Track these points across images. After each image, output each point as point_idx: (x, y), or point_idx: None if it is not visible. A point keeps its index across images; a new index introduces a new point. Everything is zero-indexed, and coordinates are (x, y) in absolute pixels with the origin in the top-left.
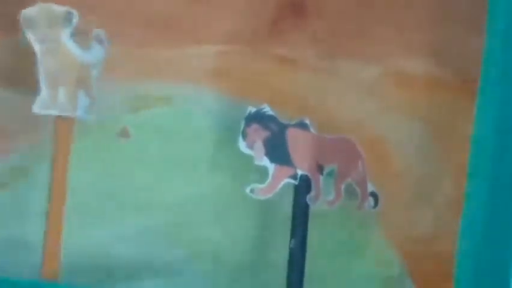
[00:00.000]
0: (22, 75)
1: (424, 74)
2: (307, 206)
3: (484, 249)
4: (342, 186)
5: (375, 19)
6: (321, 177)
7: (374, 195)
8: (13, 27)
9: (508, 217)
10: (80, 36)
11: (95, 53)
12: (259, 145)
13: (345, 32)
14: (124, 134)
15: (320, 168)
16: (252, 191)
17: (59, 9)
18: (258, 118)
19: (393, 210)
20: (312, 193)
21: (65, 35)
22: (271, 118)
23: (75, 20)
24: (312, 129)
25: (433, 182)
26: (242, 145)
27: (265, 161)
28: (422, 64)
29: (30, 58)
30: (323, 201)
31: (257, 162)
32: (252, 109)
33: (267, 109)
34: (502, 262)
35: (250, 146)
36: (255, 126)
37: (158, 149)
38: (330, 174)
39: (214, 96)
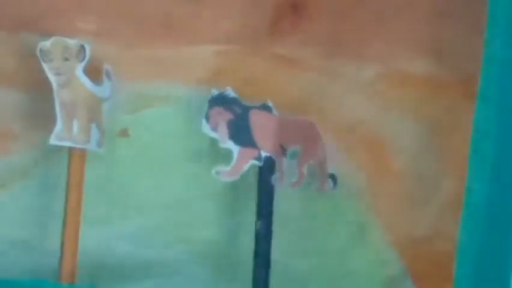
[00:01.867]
0: (22, 74)
1: (424, 74)
2: (272, 187)
3: (484, 249)
4: (305, 168)
5: (375, 19)
6: (285, 159)
7: (332, 177)
8: (13, 27)
9: (508, 217)
10: (91, 70)
11: (106, 88)
12: (222, 127)
13: (345, 32)
14: (123, 134)
15: (283, 150)
16: (217, 173)
17: (73, 42)
18: (221, 101)
19: (393, 210)
20: (276, 174)
21: (79, 69)
22: (234, 100)
23: (88, 54)
24: (274, 111)
25: (433, 182)
26: (205, 127)
27: (229, 144)
28: (422, 64)
29: (30, 58)
30: (287, 182)
31: (221, 144)
32: (214, 92)
33: (230, 92)
34: (502, 262)
35: (214, 129)
36: (218, 108)
37: (158, 149)
38: (292, 156)
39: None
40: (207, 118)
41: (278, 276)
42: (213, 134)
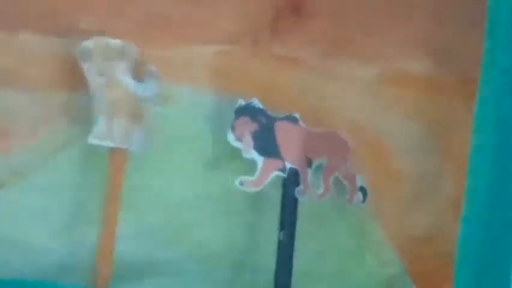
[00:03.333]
0: (22, 74)
1: (424, 74)
2: (296, 199)
3: (484, 249)
4: (331, 180)
5: (375, 19)
6: (310, 171)
7: (363, 190)
8: (13, 26)
9: (508, 217)
10: (134, 70)
11: (149, 88)
12: (247, 138)
13: (345, 32)
14: None
15: (309, 162)
16: (241, 183)
17: (115, 42)
18: (247, 111)
19: (393, 210)
20: (301, 186)
21: (120, 69)
22: (261, 111)
23: (131, 54)
24: (301, 123)
25: (433, 182)
26: (231, 138)
27: (253, 154)
28: (422, 64)
29: (30, 58)
30: (312, 194)
31: (245, 155)
32: (241, 102)
33: (256, 102)
34: (502, 262)
35: (239, 139)
36: (244, 119)
37: (158, 148)
38: (318, 168)
39: (214, 96)
40: (233, 128)
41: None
42: (237, 144)
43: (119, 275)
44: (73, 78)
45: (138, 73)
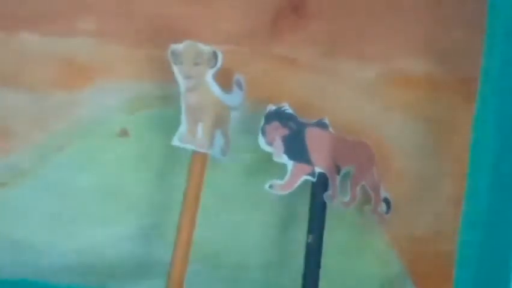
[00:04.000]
0: (22, 74)
1: (424, 74)
2: (324, 204)
3: (484, 249)
4: (358, 188)
5: (375, 19)
6: (338, 177)
7: (386, 201)
8: (13, 26)
9: (508, 217)
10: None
11: (235, 97)
12: (278, 142)
13: (345, 32)
14: (123, 134)
15: (337, 168)
16: (271, 186)
17: (206, 48)
18: (277, 116)
19: (393, 210)
20: (330, 191)
21: (209, 74)
22: (291, 116)
23: (220, 61)
24: (331, 129)
25: (433, 181)
26: (262, 142)
27: (284, 158)
28: (422, 64)
29: (30, 59)
30: (339, 201)
31: (276, 159)
32: (271, 107)
33: (287, 107)
34: (503, 262)
35: (270, 143)
36: (274, 123)
37: (158, 149)
38: (345, 176)
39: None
40: (263, 133)
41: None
42: (268, 149)
43: (119, 275)
44: (73, 78)
45: (223, 81)
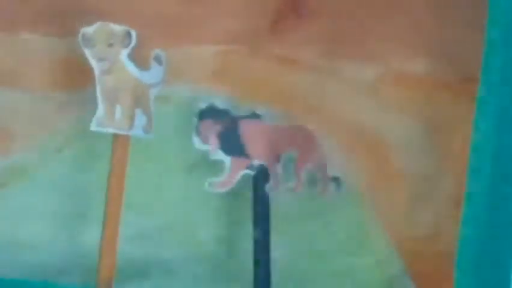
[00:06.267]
0: (22, 74)
1: (424, 74)
2: (267, 195)
3: (484, 249)
4: (303, 172)
5: (375, 19)
6: (279, 165)
7: (336, 179)
8: (13, 26)
9: (508, 217)
10: (138, 55)
11: (154, 73)
12: (213, 139)
13: (345, 32)
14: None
15: (277, 157)
16: (210, 185)
17: (118, 28)
18: (210, 113)
19: (393, 210)
20: (270, 182)
21: (123, 55)
22: (223, 112)
23: (134, 40)
24: (264, 120)
25: (433, 182)
26: (196, 142)
27: (220, 155)
28: (422, 64)
29: (30, 58)
30: (284, 188)
31: (212, 156)
32: (202, 105)
33: (219, 103)
34: (503, 262)
35: (205, 142)
36: (207, 121)
37: (158, 148)
38: (290, 161)
39: (214, 96)
40: (197, 132)
41: (278, 276)
42: (203, 147)
43: (119, 275)
44: (73, 78)
45: (140, 59)
